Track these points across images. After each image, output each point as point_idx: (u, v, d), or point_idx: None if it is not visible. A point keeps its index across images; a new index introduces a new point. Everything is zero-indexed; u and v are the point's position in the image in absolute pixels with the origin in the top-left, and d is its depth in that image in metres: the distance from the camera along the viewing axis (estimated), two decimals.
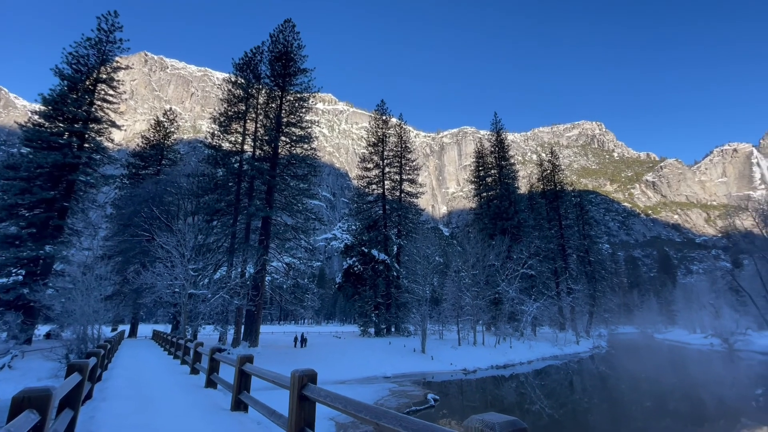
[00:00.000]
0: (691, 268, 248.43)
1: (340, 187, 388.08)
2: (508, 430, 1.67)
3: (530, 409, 16.88)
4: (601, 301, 65.04)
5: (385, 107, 54.37)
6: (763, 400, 19.53)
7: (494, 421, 1.69)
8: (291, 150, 33.85)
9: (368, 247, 44.21)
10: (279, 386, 4.54)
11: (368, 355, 28.46)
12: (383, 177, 51.42)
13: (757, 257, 43.39)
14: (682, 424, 15.07)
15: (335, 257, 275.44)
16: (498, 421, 1.68)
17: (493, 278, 43.85)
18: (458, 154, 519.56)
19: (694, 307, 75.33)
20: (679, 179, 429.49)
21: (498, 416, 1.77)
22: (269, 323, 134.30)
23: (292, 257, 33.00)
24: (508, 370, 29.28)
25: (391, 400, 17.47)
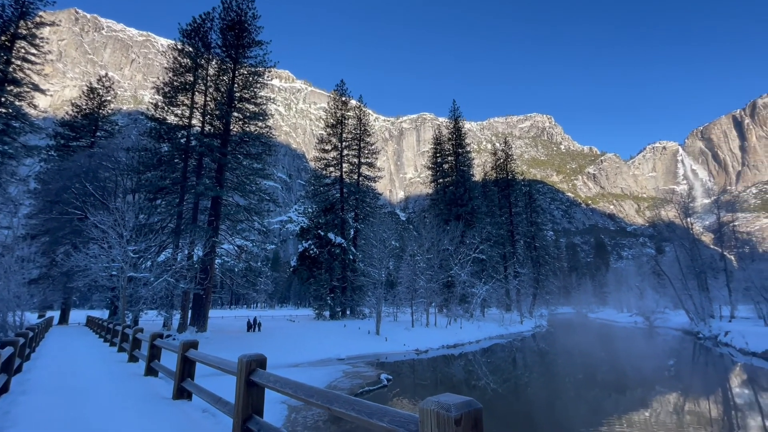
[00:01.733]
0: (622, 254, 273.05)
1: (296, 168, 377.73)
2: (463, 410, 1.63)
3: (476, 385, 17.79)
4: (544, 284, 69.80)
5: (344, 88, 53.15)
6: (674, 369, 22.16)
7: (450, 403, 1.64)
8: (244, 127, 32.10)
9: (325, 231, 43.65)
10: (226, 372, 4.29)
11: (323, 338, 28.42)
12: (341, 159, 50.63)
13: (677, 245, 48.51)
14: (608, 393, 16.68)
15: (290, 240, 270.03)
16: (454, 402, 1.64)
17: (447, 262, 45.28)
18: (417, 139, 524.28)
19: (623, 289, 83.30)
20: (616, 172, 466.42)
21: (453, 397, 1.73)
22: (220, 308, 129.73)
23: (244, 239, 31.74)
24: (457, 349, 30.62)
25: (344, 381, 17.61)
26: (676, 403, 15.01)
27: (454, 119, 64.43)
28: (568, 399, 15.75)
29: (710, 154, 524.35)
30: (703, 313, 41.78)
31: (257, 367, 3.71)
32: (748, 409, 13.99)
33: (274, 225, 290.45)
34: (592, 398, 15.76)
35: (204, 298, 27.46)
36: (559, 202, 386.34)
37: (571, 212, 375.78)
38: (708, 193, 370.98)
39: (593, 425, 11.86)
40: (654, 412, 13.49)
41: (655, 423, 12.10)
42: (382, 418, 2.01)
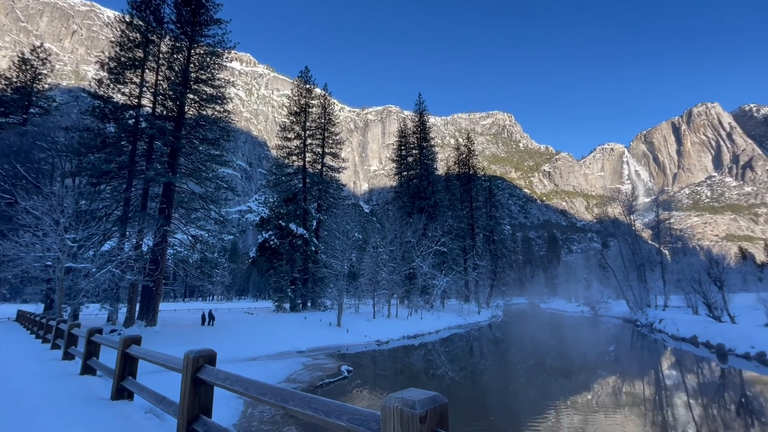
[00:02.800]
0: (572, 248, 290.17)
1: (257, 156, 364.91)
2: (429, 407, 1.52)
3: (435, 374, 18.17)
4: (501, 275, 72.72)
5: (309, 75, 51.71)
6: (614, 354, 23.92)
7: (414, 399, 1.52)
8: (200, 110, 30.26)
9: (286, 221, 42.55)
10: (171, 369, 3.95)
11: (282, 330, 27.82)
12: (305, 148, 49.42)
13: (620, 240, 52.26)
14: (555, 378, 17.67)
15: (250, 230, 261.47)
16: (418, 398, 1.52)
17: (409, 254, 45.81)
18: (382, 132, 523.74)
19: (572, 280, 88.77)
20: (569, 171, 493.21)
21: (418, 392, 1.61)
22: (172, 300, 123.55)
23: (199, 229, 30.16)
24: (418, 339, 31.16)
25: (304, 373, 17.33)
26: (614, 384, 16.20)
27: (420, 113, 64.83)
28: (520, 385, 16.52)
29: (651, 156, 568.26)
30: (641, 303, 45.42)
31: (205, 364, 3.42)
32: (675, 388, 15.36)
33: (232, 215, 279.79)
34: (541, 383, 16.61)
35: (154, 290, 25.87)
36: (517, 197, 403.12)
37: (528, 208, 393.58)
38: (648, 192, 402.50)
39: (541, 408, 12.52)
40: (594, 394, 14.50)
41: (595, 404, 12.97)
42: (340, 417, 1.86)
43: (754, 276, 38.34)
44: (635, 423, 10.99)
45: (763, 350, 19.27)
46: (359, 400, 13.33)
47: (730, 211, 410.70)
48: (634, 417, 11.58)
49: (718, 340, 23.14)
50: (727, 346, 21.88)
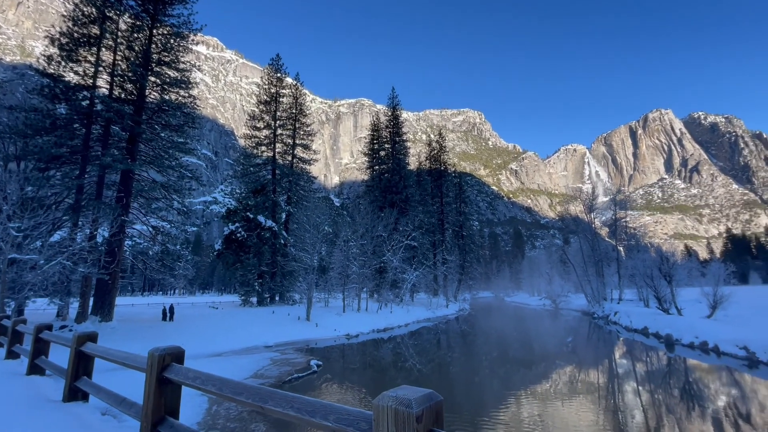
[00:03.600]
0: (536, 244, 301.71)
1: (224, 146, 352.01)
2: (425, 405, 1.44)
3: (403, 366, 18.37)
4: (469, 270, 74.49)
5: (280, 63, 50.23)
6: (571, 344, 25.20)
7: (410, 398, 1.44)
8: (163, 94, 28.62)
9: (254, 213, 41.35)
10: (133, 368, 3.67)
11: (249, 325, 27.12)
12: (275, 139, 48.09)
13: (581, 237, 54.89)
14: (516, 367, 18.39)
15: (215, 222, 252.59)
16: (414, 397, 1.44)
17: (380, 248, 45.90)
18: (354, 125, 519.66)
19: (535, 275, 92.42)
20: (535, 170, 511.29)
21: (412, 390, 1.53)
22: (130, 294, 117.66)
23: (161, 220, 28.69)
24: (387, 333, 31.36)
25: (272, 369, 16.98)
26: (571, 373, 17.05)
27: (393, 107, 64.76)
28: (484, 375, 17.05)
29: (610, 158, 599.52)
30: (598, 297, 48.03)
31: (173, 362, 3.19)
32: (626, 375, 16.37)
33: (196, 205, 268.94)
34: (504, 373, 17.22)
35: (110, 283, 24.41)
36: (485, 194, 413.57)
37: (495, 204, 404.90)
38: (607, 192, 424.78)
39: (503, 396, 13.01)
40: (552, 382, 15.24)
41: (553, 392, 13.60)
42: (326, 417, 1.76)
43: (698, 272, 41.47)
44: (589, 408, 11.60)
45: (705, 340, 20.90)
46: (329, 395, 13.23)
47: (678, 212, 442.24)
48: (588, 403, 12.23)
49: (667, 331, 24.87)
50: (675, 337, 23.57)
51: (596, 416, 11.03)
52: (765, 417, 10.90)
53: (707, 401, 12.48)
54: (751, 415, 10.98)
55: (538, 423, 10.43)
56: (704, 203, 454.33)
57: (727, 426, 10.17)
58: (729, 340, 19.40)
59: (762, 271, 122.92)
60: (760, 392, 13.44)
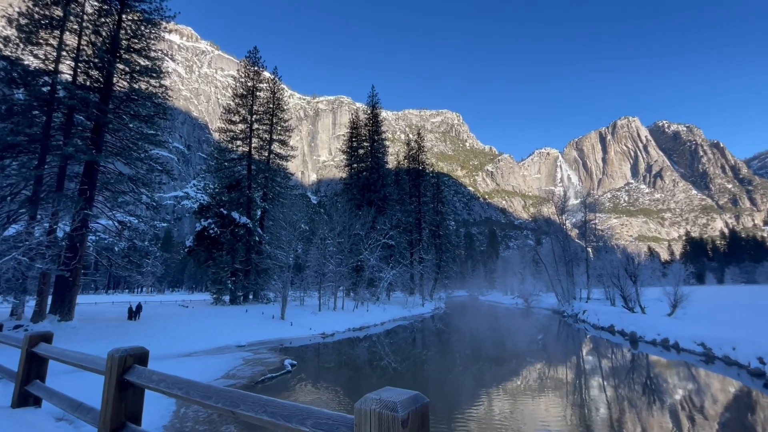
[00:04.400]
0: (509, 245, 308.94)
1: (197, 139, 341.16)
2: (411, 408, 1.35)
3: (379, 365, 18.34)
4: (445, 269, 75.40)
5: (258, 56, 49.05)
6: (542, 342, 25.96)
7: (395, 400, 1.34)
8: (132, 83, 27.34)
9: (228, 209, 40.23)
10: (91, 371, 3.41)
11: (221, 324, 26.36)
12: (251, 133, 46.92)
13: (552, 238, 56.59)
14: (489, 364, 18.74)
15: (187, 218, 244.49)
16: (399, 399, 1.34)
17: (357, 247, 45.69)
18: (333, 122, 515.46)
19: (509, 274, 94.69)
20: (510, 172, 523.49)
21: (397, 392, 1.43)
22: (93, 292, 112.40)
23: (128, 214, 27.43)
24: (363, 332, 31.25)
25: (244, 369, 16.54)
26: (540, 369, 17.54)
27: (372, 105, 64.59)
28: (458, 372, 17.26)
29: (581, 162, 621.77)
30: (568, 296, 49.67)
31: (135, 364, 2.97)
32: (592, 371, 16.98)
33: (167, 200, 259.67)
34: (477, 370, 17.50)
35: (71, 281, 23.10)
36: (462, 195, 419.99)
37: (471, 205, 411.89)
38: (577, 195, 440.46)
39: (476, 392, 13.25)
40: (523, 378, 15.66)
41: (523, 387, 13.95)
42: (303, 422, 1.64)
43: (660, 272, 43.72)
44: (558, 403, 11.95)
45: (666, 337, 21.97)
46: (304, 395, 13.00)
47: (643, 215, 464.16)
48: (556, 398, 12.61)
49: (631, 328, 25.98)
50: (639, 334, 24.66)
51: (564, 410, 11.43)
52: (717, 409, 11.61)
53: (666, 395, 13.08)
54: (705, 408, 11.60)
55: (510, 418, 10.69)
56: (666, 207, 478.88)
57: (683, 418, 10.69)
58: (688, 337, 20.46)
59: (717, 272, 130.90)
60: (714, 386, 14.23)
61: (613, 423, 10.36)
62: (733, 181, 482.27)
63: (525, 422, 10.41)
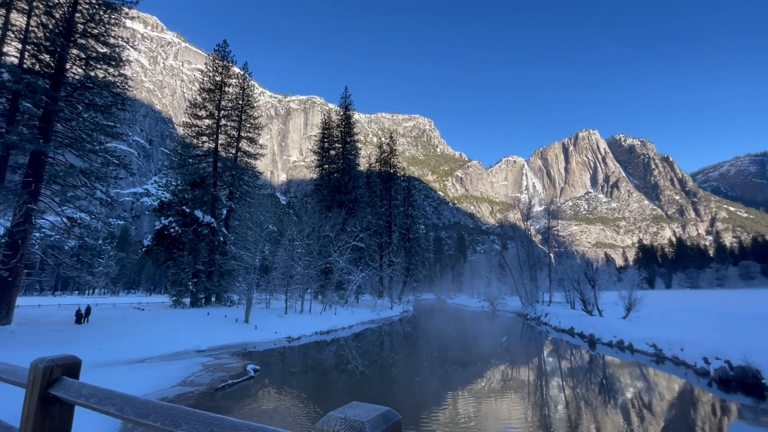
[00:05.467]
0: (477, 249, 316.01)
1: (159, 134, 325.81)
2: (381, 428, 1.17)
3: (345, 369, 18.05)
4: (414, 272, 75.88)
5: (227, 50, 47.50)
6: (506, 344, 26.60)
7: (362, 419, 1.14)
8: (88, 70, 25.59)
9: (191, 207, 38.51)
10: (11, 384, 2.98)
11: (179, 328, 25.06)
12: (218, 129, 45.25)
13: (518, 243, 58.41)
14: (455, 366, 18.95)
15: (146, 216, 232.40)
16: (368, 418, 1.15)
17: (327, 249, 45.04)
18: (305, 122, 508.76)
19: (475, 278, 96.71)
20: (479, 178, 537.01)
21: (364, 409, 1.24)
22: (38, 294, 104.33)
23: (79, 210, 25.56)
24: (330, 335, 30.75)
25: (203, 375, 15.73)
26: (504, 370, 17.95)
27: (345, 107, 64.23)
28: (425, 375, 17.29)
29: (545, 171, 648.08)
30: (532, 299, 51.32)
31: (63, 375, 2.60)
32: (552, 371, 17.54)
33: (124, 197, 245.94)
34: (443, 372, 17.62)
35: (10, 281, 21.17)
36: (432, 199, 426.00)
37: (441, 209, 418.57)
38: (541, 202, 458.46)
39: (442, 394, 13.33)
40: (487, 380, 15.98)
41: (487, 389, 14.17)
42: None
43: (615, 277, 46.11)
44: (519, 403, 12.22)
45: (622, 339, 23.08)
46: (267, 402, 12.49)
47: (600, 223, 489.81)
48: (518, 398, 12.91)
49: (590, 330, 27.12)
50: (597, 336, 25.76)
51: (525, 411, 11.76)
52: (664, 406, 12.34)
53: (620, 394, 13.69)
54: (653, 405, 12.25)
55: (474, 419, 10.85)
56: (621, 216, 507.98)
57: (634, 415, 11.20)
58: (641, 339, 21.58)
59: (665, 277, 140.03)
60: (663, 384, 15.06)
61: (570, 421, 10.68)
62: (681, 193, 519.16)
63: (488, 423, 10.61)
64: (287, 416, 10.93)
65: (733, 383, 13.91)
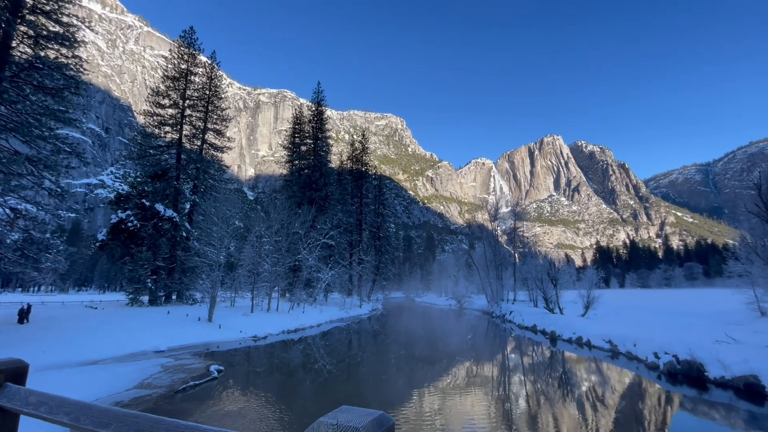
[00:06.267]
0: (445, 248, 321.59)
1: (117, 122, 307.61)
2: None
3: (313, 367, 17.83)
4: (384, 271, 76.13)
5: (194, 37, 45.49)
6: (471, 341, 27.34)
7: (356, 425, 1.07)
8: (37, 49, 23.69)
9: (151, 200, 36.60)
10: None
11: (137, 327, 23.77)
12: (182, 120, 43.26)
13: (485, 243, 60.02)
14: (422, 364, 19.23)
15: (100, 209, 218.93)
16: (362, 424, 1.08)
17: (296, 246, 44.25)
18: (275, 116, 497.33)
19: (444, 277, 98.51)
20: (449, 178, 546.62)
21: (357, 414, 1.17)
22: None
23: (24, 200, 23.61)
24: (298, 333, 30.26)
25: (162, 377, 14.99)
26: (469, 366, 18.43)
27: (317, 102, 63.32)
28: (392, 372, 17.46)
29: (512, 174, 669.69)
30: (497, 298, 52.90)
31: (7, 381, 2.34)
32: (515, 367, 18.19)
33: (77, 187, 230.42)
34: (410, 370, 17.85)
35: None
36: (402, 198, 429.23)
37: (411, 209, 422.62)
38: (508, 204, 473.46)
39: (408, 391, 13.49)
40: (453, 376, 16.34)
41: (453, 385, 14.48)
42: None
43: (575, 277, 48.42)
44: (483, 398, 12.60)
45: (581, 335, 24.26)
46: (231, 403, 12.08)
47: (562, 225, 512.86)
48: (482, 394, 13.33)
49: (551, 328, 28.30)
50: (558, 333, 26.94)
51: (489, 405, 12.17)
52: (616, 398, 13.17)
53: (577, 387, 14.42)
54: (607, 397, 13.03)
55: (439, 414, 11.07)
56: (581, 219, 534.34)
57: (588, 407, 11.83)
58: (598, 335, 22.78)
59: (619, 277, 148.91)
60: (616, 378, 16.04)
61: (530, 413, 11.15)
62: (635, 198, 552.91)
63: (453, 417, 10.86)
64: (254, 418, 10.63)
65: (680, 376, 14.96)
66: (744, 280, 27.76)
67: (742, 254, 27.97)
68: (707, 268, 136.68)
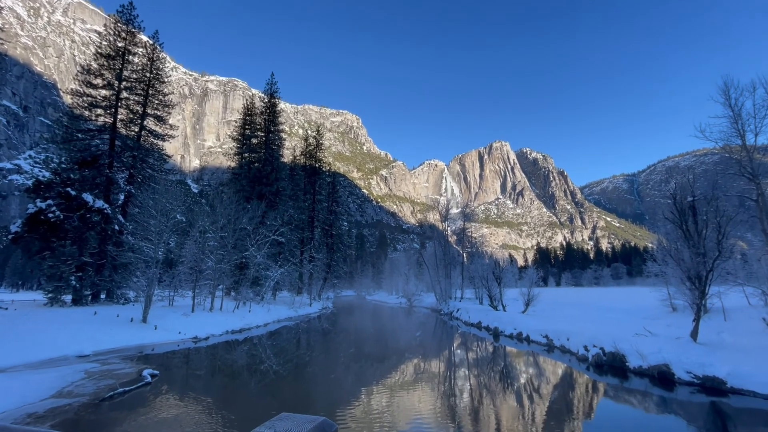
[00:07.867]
0: (397, 247, 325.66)
1: (39, 100, 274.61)
2: None
3: (258, 369, 17.21)
4: (335, 269, 75.43)
5: (133, 13, 41.81)
6: (419, 338, 28.02)
7: None
8: None
9: (78, 189, 33.14)
10: None
11: (57, 330, 21.39)
12: (118, 102, 39.58)
13: (435, 242, 61.66)
14: (370, 362, 19.38)
15: (15, 197, 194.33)
16: None
17: (243, 242, 42.41)
18: (224, 106, 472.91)
19: (395, 275, 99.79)
20: (402, 178, 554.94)
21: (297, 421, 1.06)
22: None
23: None
24: (243, 334, 29.04)
25: (86, 384, 13.60)
26: (416, 362, 18.89)
27: (271, 93, 61.16)
28: (340, 371, 17.39)
29: (463, 176, 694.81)
30: (445, 295, 54.58)
31: None
32: (460, 361, 18.93)
33: None
34: (358, 368, 17.89)
35: None
36: (356, 196, 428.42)
37: (364, 207, 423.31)
38: (458, 205, 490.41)
39: (355, 390, 13.61)
40: (400, 373, 16.67)
41: (400, 382, 14.78)
42: None
43: (517, 276, 51.41)
44: (428, 393, 13.00)
45: (521, 331, 25.75)
46: (166, 410, 11.25)
47: (507, 226, 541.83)
48: (428, 389, 13.77)
49: (495, 324, 29.73)
50: (500, 329, 28.36)
51: (434, 400, 12.57)
52: (549, 388, 14.27)
53: (515, 379, 15.39)
54: (541, 387, 14.01)
55: (386, 410, 11.24)
56: (524, 221, 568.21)
57: (524, 396, 12.65)
58: (536, 331, 24.31)
59: (556, 276, 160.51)
60: (549, 369, 17.31)
61: (473, 404, 11.75)
62: (571, 203, 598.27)
63: (399, 413, 11.09)
64: (190, 425, 9.97)
65: (606, 366, 16.40)
66: (660, 279, 31.05)
67: (658, 256, 31.27)
68: (630, 268, 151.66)
